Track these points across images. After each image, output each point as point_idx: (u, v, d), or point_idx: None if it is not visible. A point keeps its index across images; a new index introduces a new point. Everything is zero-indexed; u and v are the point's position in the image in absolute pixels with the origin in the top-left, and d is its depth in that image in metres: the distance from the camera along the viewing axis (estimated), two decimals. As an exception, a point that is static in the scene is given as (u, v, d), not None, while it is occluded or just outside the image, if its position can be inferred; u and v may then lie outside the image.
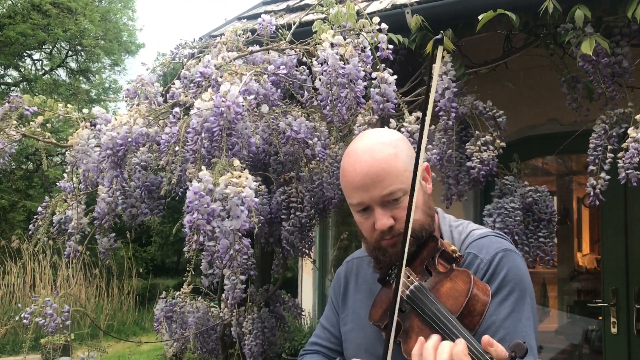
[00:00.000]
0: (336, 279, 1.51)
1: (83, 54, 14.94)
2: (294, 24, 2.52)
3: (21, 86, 14.18)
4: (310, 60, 2.24)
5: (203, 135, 1.79)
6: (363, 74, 1.95)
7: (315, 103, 2.21)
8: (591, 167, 2.16)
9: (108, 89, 15.77)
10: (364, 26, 2.07)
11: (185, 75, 2.38)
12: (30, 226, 2.40)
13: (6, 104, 2.32)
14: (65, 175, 2.46)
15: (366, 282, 1.42)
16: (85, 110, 2.41)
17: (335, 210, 2.40)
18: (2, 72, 14.46)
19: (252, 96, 1.96)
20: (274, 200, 2.35)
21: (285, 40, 2.39)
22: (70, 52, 14.95)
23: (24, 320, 2.15)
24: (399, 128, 2.13)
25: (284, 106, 2.24)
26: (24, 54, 14.21)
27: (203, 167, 1.67)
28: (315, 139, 2.15)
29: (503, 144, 2.31)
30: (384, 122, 2.07)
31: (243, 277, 2.20)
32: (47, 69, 14.88)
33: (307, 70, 2.35)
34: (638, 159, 1.97)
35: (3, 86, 14.02)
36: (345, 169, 1.28)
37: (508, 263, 1.23)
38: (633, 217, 3.50)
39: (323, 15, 2.32)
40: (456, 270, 1.19)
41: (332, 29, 2.10)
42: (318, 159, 2.18)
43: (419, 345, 1.06)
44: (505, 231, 2.29)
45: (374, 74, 2.01)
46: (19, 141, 2.34)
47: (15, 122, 2.32)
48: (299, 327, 5.74)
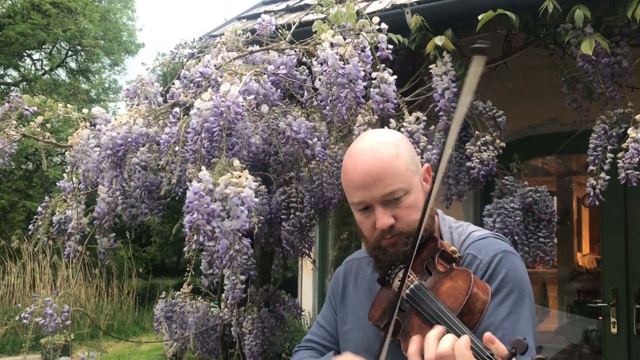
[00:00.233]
0: (334, 279, 1.52)
1: (83, 54, 14.94)
2: (294, 24, 2.52)
3: (21, 86, 14.18)
4: (310, 60, 2.24)
5: (203, 135, 1.79)
6: (363, 74, 1.95)
7: (315, 103, 2.21)
8: (591, 167, 2.16)
9: (108, 89, 15.77)
10: (363, 26, 2.07)
11: (185, 75, 2.38)
12: (30, 226, 2.40)
13: (6, 104, 2.32)
14: (65, 175, 2.45)
15: (365, 283, 1.42)
16: (85, 110, 2.41)
17: (335, 210, 2.40)
18: (2, 72, 14.46)
19: (252, 96, 1.96)
20: (274, 200, 2.35)
21: (285, 40, 2.38)
22: (70, 52, 14.95)
23: (24, 320, 2.15)
24: (399, 128, 2.13)
25: (283, 106, 2.24)
26: (24, 54, 14.20)
27: (203, 167, 1.66)
28: (315, 139, 2.15)
29: (503, 144, 2.31)
30: (383, 122, 2.07)
31: (243, 277, 2.21)
32: (47, 69, 14.87)
33: (307, 70, 2.35)
34: (638, 159, 1.97)
35: (3, 86, 14.01)
36: (346, 168, 1.29)
37: (507, 264, 1.23)
38: (633, 217, 3.50)
39: (323, 15, 2.32)
40: (456, 269, 1.19)
41: (332, 29, 2.09)
42: (318, 159, 2.18)
43: (415, 344, 1.06)
44: (505, 231, 2.29)
45: (374, 74, 2.01)
46: (18, 141, 2.34)
47: (15, 122, 2.32)
48: (299, 327, 5.74)
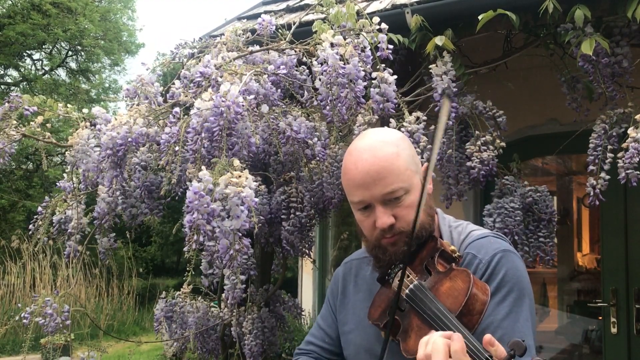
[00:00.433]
0: (334, 280, 1.52)
1: (83, 54, 14.94)
2: (294, 24, 2.52)
3: (21, 86, 14.17)
4: (310, 60, 2.24)
5: (203, 135, 1.79)
6: (363, 74, 1.95)
7: (315, 103, 2.21)
8: (591, 167, 2.16)
9: (108, 89, 15.77)
10: (364, 26, 2.07)
11: (185, 75, 2.38)
12: (30, 226, 2.40)
13: (6, 104, 2.32)
14: (65, 175, 2.46)
15: (365, 283, 1.42)
16: (85, 110, 2.41)
17: (335, 210, 2.40)
18: (2, 72, 14.45)
19: (252, 96, 1.96)
20: (274, 200, 2.35)
21: (285, 40, 2.38)
22: (70, 52, 14.94)
23: (24, 320, 2.15)
24: (399, 128, 2.13)
25: (284, 106, 2.24)
26: (24, 54, 14.20)
27: (203, 167, 1.67)
28: (315, 139, 2.15)
29: (503, 144, 2.31)
30: (384, 122, 2.07)
31: (243, 277, 2.20)
32: (47, 69, 14.87)
33: (307, 70, 2.35)
34: (638, 159, 1.97)
35: (3, 86, 14.01)
36: (347, 167, 1.29)
37: (507, 264, 1.23)
38: (633, 217, 3.50)
39: (323, 15, 2.32)
40: (455, 269, 1.19)
41: (332, 29, 2.09)
42: (318, 159, 2.18)
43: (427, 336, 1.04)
44: (505, 231, 2.29)
45: (374, 74, 2.01)
46: (19, 141, 2.34)
47: (15, 122, 2.32)
48: (299, 327, 5.74)
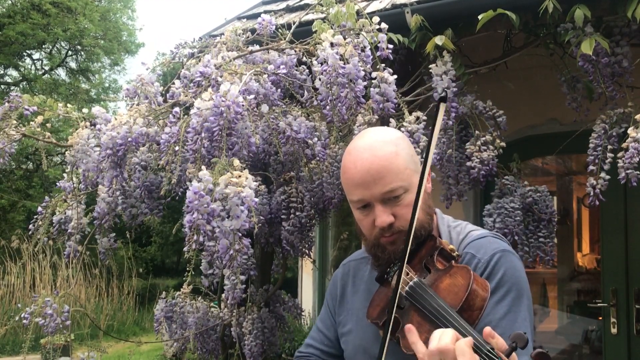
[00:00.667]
0: (332, 282, 1.52)
1: (83, 53, 14.93)
2: (294, 24, 2.52)
3: (21, 86, 14.17)
4: (310, 60, 2.23)
5: (203, 135, 1.78)
6: (363, 73, 1.95)
7: (315, 103, 2.21)
8: (591, 167, 2.16)
9: (108, 89, 15.76)
10: (363, 26, 2.07)
11: (185, 75, 2.38)
12: (30, 226, 2.40)
13: (6, 104, 2.32)
14: (65, 175, 2.45)
15: (363, 283, 1.42)
16: (85, 110, 2.40)
17: (335, 210, 2.40)
18: (2, 72, 14.45)
19: (252, 96, 1.96)
20: (274, 200, 2.35)
21: (285, 40, 2.38)
22: (70, 52, 14.94)
23: (24, 321, 2.15)
24: (399, 128, 2.13)
25: (284, 106, 2.24)
26: (24, 53, 14.19)
27: (203, 167, 1.66)
28: (315, 139, 2.15)
29: (503, 144, 2.31)
30: (384, 122, 2.07)
31: (243, 277, 2.20)
32: (47, 68, 14.86)
33: (307, 70, 2.35)
34: (638, 159, 1.97)
35: (3, 86, 14.01)
36: (346, 166, 1.29)
37: (505, 264, 1.23)
38: (633, 217, 3.50)
39: (323, 15, 2.32)
40: (455, 266, 1.19)
41: (332, 28, 2.09)
42: (318, 159, 2.18)
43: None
44: (505, 231, 2.29)
45: (374, 74, 2.01)
46: (18, 141, 2.34)
47: (15, 122, 2.32)
48: (299, 327, 5.74)
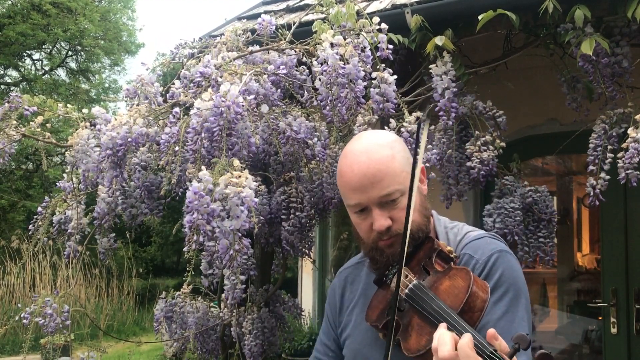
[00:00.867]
0: (331, 292, 1.52)
1: (83, 54, 14.93)
2: (294, 24, 2.52)
3: (21, 86, 14.17)
4: (310, 60, 2.23)
5: (203, 135, 1.78)
6: (363, 74, 1.95)
7: (315, 103, 2.21)
8: (591, 167, 2.16)
9: (108, 89, 15.76)
10: (363, 26, 2.07)
11: (185, 75, 2.38)
12: (30, 226, 2.40)
13: (6, 104, 2.32)
14: (65, 175, 2.45)
15: (360, 288, 1.43)
16: (85, 110, 2.40)
17: (335, 210, 2.40)
18: (2, 72, 14.45)
19: (252, 96, 1.96)
20: (274, 200, 2.35)
21: (285, 40, 2.38)
22: (70, 52, 14.94)
23: (24, 320, 2.15)
24: (399, 128, 2.13)
25: (283, 106, 2.24)
26: (24, 54, 14.19)
27: (203, 167, 1.66)
28: (315, 139, 2.15)
29: (503, 144, 2.31)
30: (384, 122, 2.07)
31: (243, 277, 2.20)
32: (47, 69, 14.86)
33: (307, 70, 2.35)
34: (638, 159, 1.97)
35: (3, 86, 14.01)
36: (342, 170, 1.28)
37: (503, 264, 1.23)
38: (633, 217, 3.50)
39: (323, 15, 2.32)
40: (454, 268, 1.19)
41: (332, 29, 2.09)
42: (318, 159, 2.18)
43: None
44: (505, 231, 2.29)
45: (374, 74, 2.01)
46: (18, 141, 2.34)
47: (15, 122, 2.32)
48: (298, 327, 5.74)
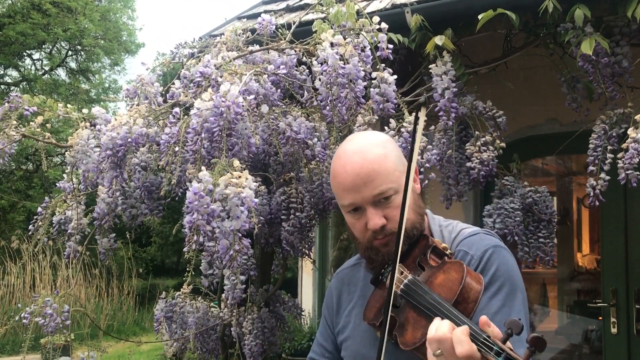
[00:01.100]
0: (328, 293, 1.52)
1: (83, 53, 14.94)
2: (294, 24, 2.51)
3: (21, 86, 14.17)
4: (310, 60, 2.23)
5: (203, 135, 1.78)
6: (363, 73, 1.95)
7: (315, 103, 2.21)
8: (591, 168, 2.16)
9: (108, 89, 15.76)
10: (363, 26, 2.07)
11: (185, 75, 2.37)
12: (30, 226, 2.39)
13: (6, 104, 2.31)
14: (65, 175, 2.45)
15: (357, 289, 1.43)
16: (85, 110, 2.40)
17: (335, 211, 2.40)
18: (2, 72, 14.45)
19: (252, 96, 1.96)
20: (274, 201, 2.35)
21: (285, 39, 2.38)
22: (70, 52, 14.94)
23: (24, 320, 2.15)
24: (399, 128, 2.13)
25: (283, 106, 2.24)
26: (24, 53, 14.19)
27: (203, 168, 1.66)
28: (315, 139, 2.15)
29: (503, 144, 2.31)
30: (384, 122, 2.07)
31: (243, 277, 2.20)
32: (47, 68, 14.86)
33: (307, 70, 2.35)
34: (638, 159, 1.97)
35: (3, 86, 14.01)
36: (336, 170, 1.29)
37: (498, 259, 1.24)
38: (633, 217, 3.50)
39: (323, 15, 2.32)
40: (448, 262, 1.20)
41: (332, 28, 2.09)
42: (318, 159, 2.18)
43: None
44: (505, 231, 2.29)
45: (374, 74, 2.01)
46: (18, 141, 2.34)
47: (15, 122, 2.31)
48: (298, 327, 5.74)
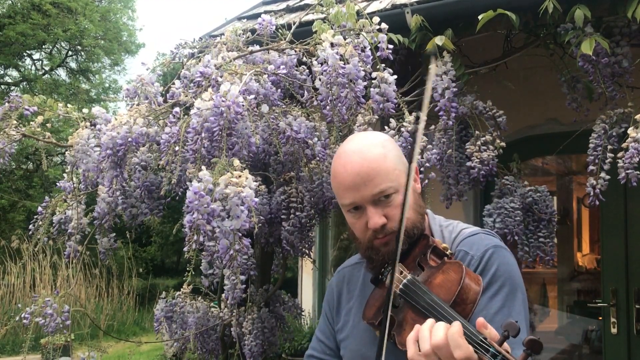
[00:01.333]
0: (329, 291, 1.53)
1: (83, 54, 14.94)
2: (294, 24, 2.52)
3: (21, 86, 14.18)
4: (310, 60, 2.23)
5: (203, 135, 1.78)
6: (363, 73, 1.95)
7: (315, 103, 2.21)
8: (591, 167, 2.16)
9: (108, 89, 15.77)
10: (364, 26, 2.07)
11: (185, 75, 2.38)
12: (30, 226, 2.40)
13: (6, 104, 2.32)
14: (65, 175, 2.45)
15: (358, 288, 1.43)
16: (85, 110, 2.40)
17: (335, 210, 2.40)
18: (2, 72, 14.46)
19: (252, 96, 1.96)
20: (274, 200, 2.35)
21: (285, 40, 2.38)
22: (70, 52, 14.95)
23: (24, 321, 2.15)
24: (399, 128, 2.13)
25: (284, 106, 2.24)
26: (24, 54, 14.20)
27: (203, 167, 1.66)
28: (315, 139, 2.15)
29: (503, 144, 2.31)
30: (384, 122, 2.07)
31: (243, 277, 2.20)
32: (47, 69, 14.87)
33: (307, 70, 2.35)
34: (638, 159, 1.97)
35: (3, 86, 14.01)
36: (336, 170, 1.30)
37: (498, 259, 1.24)
38: (633, 217, 3.50)
39: (323, 15, 2.32)
40: (448, 262, 1.20)
41: (332, 28, 2.09)
42: (318, 159, 2.18)
43: (414, 331, 1.04)
44: (505, 231, 2.29)
45: (374, 74, 2.01)
46: (19, 141, 2.34)
47: (15, 122, 2.31)
48: (298, 327, 5.74)
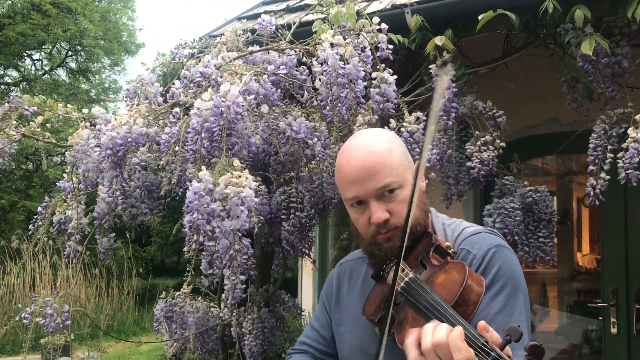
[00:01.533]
0: (328, 282, 1.53)
1: (83, 54, 14.95)
2: (294, 24, 2.52)
3: (21, 86, 14.18)
4: (310, 60, 2.23)
5: (203, 135, 1.78)
6: (363, 74, 1.95)
7: (315, 103, 2.21)
8: (591, 167, 2.16)
9: (108, 89, 15.77)
10: (363, 26, 2.07)
11: (185, 75, 2.38)
12: (30, 226, 2.40)
13: (6, 104, 2.32)
14: (65, 175, 2.45)
15: (359, 283, 1.43)
16: (85, 110, 2.40)
17: (335, 210, 2.40)
18: (2, 72, 14.46)
19: (252, 96, 1.96)
20: (274, 200, 2.35)
21: (285, 40, 2.38)
22: (70, 52, 14.95)
23: (24, 321, 2.15)
24: (399, 128, 2.13)
25: (283, 106, 2.24)
26: (24, 54, 14.20)
27: (203, 167, 1.66)
28: (315, 139, 2.15)
29: (503, 144, 2.31)
30: (383, 122, 2.07)
31: (243, 277, 2.20)
32: (47, 69, 14.87)
33: (307, 70, 2.35)
34: (638, 159, 1.97)
35: (3, 86, 14.01)
36: (340, 164, 1.31)
37: (501, 258, 1.24)
38: (633, 217, 3.50)
39: (323, 15, 2.32)
40: (451, 262, 1.20)
41: (332, 29, 2.09)
42: (318, 159, 2.18)
43: (414, 333, 1.04)
44: (505, 231, 2.29)
45: (374, 74, 2.01)
46: (18, 141, 2.34)
47: (15, 122, 2.31)
48: (298, 327, 5.73)
